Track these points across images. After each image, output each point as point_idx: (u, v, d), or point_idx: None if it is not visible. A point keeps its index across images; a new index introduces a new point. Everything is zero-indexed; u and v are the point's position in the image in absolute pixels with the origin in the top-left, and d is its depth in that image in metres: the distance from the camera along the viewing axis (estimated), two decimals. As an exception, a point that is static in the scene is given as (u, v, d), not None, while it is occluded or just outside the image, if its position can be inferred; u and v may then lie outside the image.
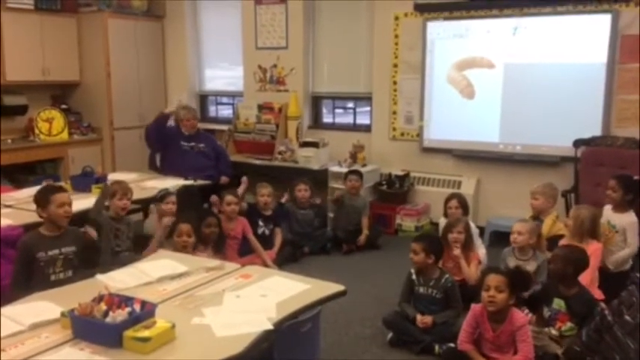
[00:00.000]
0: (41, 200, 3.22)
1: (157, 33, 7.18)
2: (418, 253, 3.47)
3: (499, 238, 4.80)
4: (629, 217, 3.90)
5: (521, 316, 2.95)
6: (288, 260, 4.81)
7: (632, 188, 3.92)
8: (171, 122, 5.55)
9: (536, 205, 4.20)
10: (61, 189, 3.41)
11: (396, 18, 5.80)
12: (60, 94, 6.85)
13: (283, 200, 5.22)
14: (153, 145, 5.73)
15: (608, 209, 4.00)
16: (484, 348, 2.97)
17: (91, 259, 3.35)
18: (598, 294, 3.47)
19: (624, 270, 3.86)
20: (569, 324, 3.13)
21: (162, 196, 4.28)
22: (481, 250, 4.22)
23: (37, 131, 6.31)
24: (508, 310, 2.89)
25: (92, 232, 3.49)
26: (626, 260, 3.87)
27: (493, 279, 2.85)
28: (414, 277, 3.53)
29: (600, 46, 4.90)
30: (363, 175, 5.54)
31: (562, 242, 3.74)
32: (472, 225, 4.23)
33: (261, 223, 4.90)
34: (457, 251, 3.93)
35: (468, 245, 4.00)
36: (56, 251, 3.18)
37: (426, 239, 3.57)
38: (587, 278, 3.54)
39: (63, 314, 2.19)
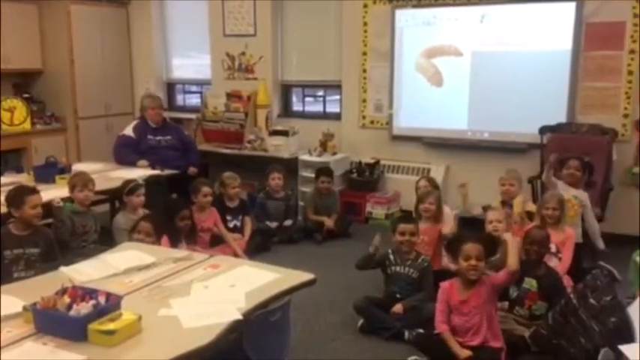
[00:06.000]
0: (15, 200, 3.25)
1: (122, 20, 7.02)
2: (406, 234, 3.56)
3: (467, 225, 4.84)
4: (585, 192, 4.23)
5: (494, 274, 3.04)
6: (259, 249, 4.78)
7: (587, 169, 4.35)
8: (129, 132, 5.38)
9: (513, 190, 4.27)
10: (34, 190, 3.39)
11: (365, 6, 5.78)
12: (22, 82, 6.65)
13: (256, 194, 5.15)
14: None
15: (567, 186, 4.19)
16: (453, 331, 3.00)
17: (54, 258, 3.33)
18: (567, 280, 3.51)
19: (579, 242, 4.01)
20: (539, 302, 3.21)
21: (131, 189, 4.11)
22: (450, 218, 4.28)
23: (-2, 121, 6.14)
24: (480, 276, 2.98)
25: None
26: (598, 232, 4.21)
27: (473, 248, 2.92)
28: (391, 256, 3.60)
29: (565, 34, 4.96)
30: (333, 164, 5.54)
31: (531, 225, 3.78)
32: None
33: (229, 217, 4.83)
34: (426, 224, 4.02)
35: (437, 218, 4.10)
36: (20, 250, 3.22)
37: (413, 219, 3.74)
38: (566, 265, 3.64)
39: (25, 308, 2.13)
